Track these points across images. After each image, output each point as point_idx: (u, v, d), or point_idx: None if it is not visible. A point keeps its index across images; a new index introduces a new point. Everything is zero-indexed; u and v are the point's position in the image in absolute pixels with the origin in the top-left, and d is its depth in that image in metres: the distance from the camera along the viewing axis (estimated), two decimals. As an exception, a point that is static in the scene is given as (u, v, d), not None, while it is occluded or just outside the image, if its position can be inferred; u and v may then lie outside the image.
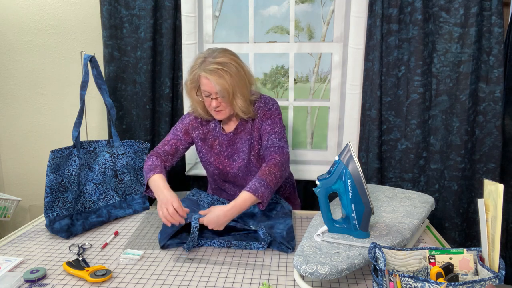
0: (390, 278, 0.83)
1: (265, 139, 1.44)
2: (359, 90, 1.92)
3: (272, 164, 1.34)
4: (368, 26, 1.85)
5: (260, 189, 1.27)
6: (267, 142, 1.43)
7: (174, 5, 1.93)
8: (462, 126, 1.84)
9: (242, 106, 1.39)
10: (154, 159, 1.45)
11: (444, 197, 1.93)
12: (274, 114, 1.47)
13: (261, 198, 1.27)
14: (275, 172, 1.32)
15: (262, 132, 1.46)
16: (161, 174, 1.36)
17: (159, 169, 1.38)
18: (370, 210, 1.11)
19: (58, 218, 1.37)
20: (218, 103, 1.38)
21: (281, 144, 1.41)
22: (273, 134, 1.43)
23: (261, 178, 1.30)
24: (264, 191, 1.28)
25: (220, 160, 1.52)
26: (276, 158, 1.36)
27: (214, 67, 1.31)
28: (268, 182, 1.29)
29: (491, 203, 0.86)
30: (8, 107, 2.20)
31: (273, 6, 2.07)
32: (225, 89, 1.33)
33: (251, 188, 1.27)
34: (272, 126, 1.45)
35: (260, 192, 1.27)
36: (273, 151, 1.39)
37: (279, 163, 1.35)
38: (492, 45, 1.77)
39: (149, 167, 1.40)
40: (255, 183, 1.29)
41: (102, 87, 1.71)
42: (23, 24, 2.10)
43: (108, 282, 1.07)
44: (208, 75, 1.32)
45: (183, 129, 1.53)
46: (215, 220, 1.23)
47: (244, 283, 1.06)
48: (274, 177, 1.31)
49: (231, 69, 1.33)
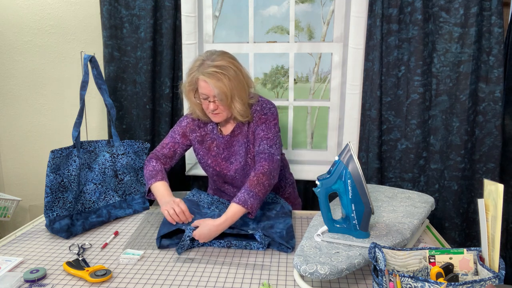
0: (390, 278, 0.83)
1: (257, 144, 1.44)
2: (359, 90, 1.92)
3: (261, 173, 1.34)
4: (368, 26, 1.85)
5: (249, 200, 1.28)
6: (258, 148, 1.43)
7: (174, 5, 1.93)
8: (462, 126, 1.84)
9: (240, 110, 1.39)
10: (154, 163, 1.46)
11: (444, 197, 1.93)
12: (269, 119, 1.45)
13: (250, 209, 1.28)
14: (264, 181, 1.33)
15: (256, 137, 1.45)
16: (163, 182, 1.41)
17: (160, 176, 1.42)
18: (370, 210, 1.11)
19: (58, 218, 1.37)
20: (215, 106, 1.37)
21: (272, 151, 1.40)
22: (265, 140, 1.42)
23: (250, 189, 1.30)
24: (253, 202, 1.29)
25: (217, 162, 1.52)
26: (264, 166, 1.36)
27: (213, 70, 1.31)
28: (256, 192, 1.30)
29: (491, 203, 0.86)
30: (8, 107, 2.21)
31: (273, 6, 2.07)
32: (223, 92, 1.33)
33: (240, 200, 1.28)
34: (265, 132, 1.43)
35: (249, 203, 1.28)
36: (262, 158, 1.39)
37: (267, 171, 1.35)
38: (492, 45, 1.77)
39: (151, 173, 1.43)
40: (244, 194, 1.29)
41: (102, 87, 1.71)
42: (23, 24, 2.10)
43: (108, 282, 1.07)
44: (206, 78, 1.32)
45: (180, 132, 1.53)
46: (207, 234, 1.25)
47: (244, 283, 1.06)
48: (262, 187, 1.32)
49: (229, 72, 1.33)
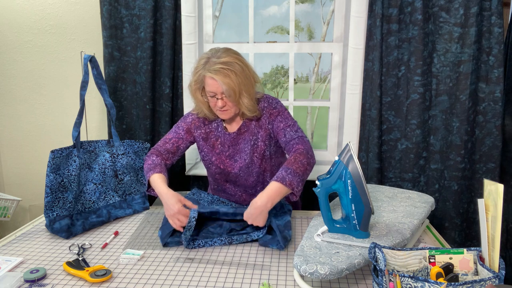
0: (390, 278, 0.83)
1: (282, 135, 1.43)
2: (359, 90, 1.92)
3: (298, 153, 1.32)
4: (368, 26, 1.85)
5: (287, 177, 1.24)
6: (285, 138, 1.41)
7: (174, 5, 1.93)
8: (462, 126, 1.84)
9: (248, 105, 1.39)
10: (154, 158, 1.44)
11: (444, 197, 1.93)
12: (281, 110, 1.47)
13: (290, 186, 1.23)
14: (302, 159, 1.30)
15: (276, 130, 1.45)
16: (160, 174, 1.36)
17: (158, 169, 1.38)
18: (370, 210, 1.11)
19: (58, 218, 1.37)
20: (223, 103, 1.38)
21: (299, 134, 1.41)
22: (288, 128, 1.43)
23: (287, 166, 1.27)
24: (292, 179, 1.24)
25: (221, 160, 1.52)
26: (300, 148, 1.34)
27: (219, 67, 1.31)
28: (295, 169, 1.26)
29: (491, 203, 0.86)
30: (8, 107, 2.21)
31: (273, 6, 2.07)
32: (231, 88, 1.33)
33: (277, 177, 1.24)
34: (284, 122, 1.44)
35: (287, 180, 1.23)
36: (294, 143, 1.38)
37: (304, 151, 1.33)
38: (492, 45, 1.77)
39: (149, 166, 1.40)
40: (281, 172, 1.25)
41: (102, 87, 1.71)
42: (23, 24, 2.10)
43: (108, 282, 1.07)
44: (213, 75, 1.32)
45: (185, 128, 1.52)
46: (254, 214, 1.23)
47: (244, 283, 1.06)
48: (301, 164, 1.28)
49: (236, 68, 1.33)
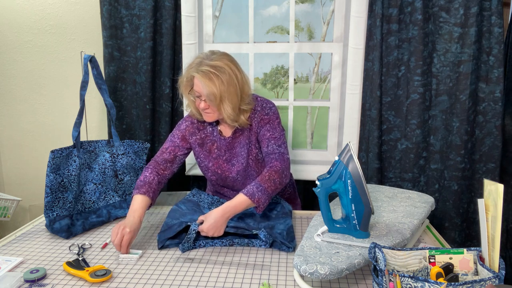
0: (390, 278, 0.83)
1: (265, 145, 1.42)
2: (359, 90, 1.92)
3: (273, 171, 1.33)
4: (368, 26, 1.85)
5: (257, 193, 1.27)
6: (267, 149, 1.41)
7: (174, 5, 1.93)
8: (462, 126, 1.83)
9: (230, 114, 1.36)
10: (148, 173, 1.41)
11: (444, 197, 1.93)
12: (272, 118, 1.45)
13: (257, 203, 1.27)
14: (275, 178, 1.32)
15: (261, 138, 1.44)
16: (143, 196, 1.33)
17: (145, 189, 1.35)
18: (370, 210, 1.11)
19: (58, 218, 1.37)
20: (206, 105, 1.36)
21: (281, 150, 1.40)
22: (273, 140, 1.42)
23: (260, 183, 1.30)
24: (261, 196, 1.28)
25: (219, 165, 1.52)
26: (277, 165, 1.35)
27: (207, 69, 1.30)
28: (266, 188, 1.29)
29: (491, 203, 0.86)
30: (8, 107, 2.20)
31: (273, 6, 2.07)
32: (212, 93, 1.31)
33: (248, 192, 1.27)
34: (271, 132, 1.43)
35: (256, 197, 1.27)
36: (273, 158, 1.38)
37: (279, 170, 1.34)
38: (492, 45, 1.77)
39: (138, 183, 1.38)
40: (253, 187, 1.29)
41: (102, 87, 1.71)
42: (23, 24, 2.10)
43: (108, 282, 1.07)
44: (199, 76, 1.31)
45: (180, 136, 1.51)
46: (213, 224, 1.22)
47: (244, 283, 1.06)
48: (273, 183, 1.31)
49: (223, 75, 1.31)
